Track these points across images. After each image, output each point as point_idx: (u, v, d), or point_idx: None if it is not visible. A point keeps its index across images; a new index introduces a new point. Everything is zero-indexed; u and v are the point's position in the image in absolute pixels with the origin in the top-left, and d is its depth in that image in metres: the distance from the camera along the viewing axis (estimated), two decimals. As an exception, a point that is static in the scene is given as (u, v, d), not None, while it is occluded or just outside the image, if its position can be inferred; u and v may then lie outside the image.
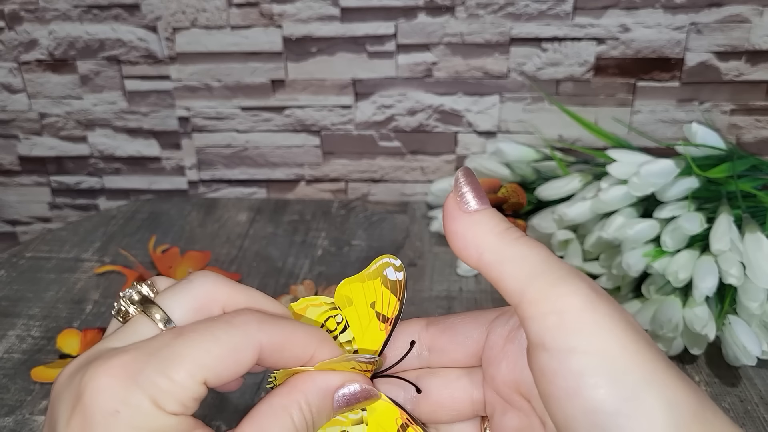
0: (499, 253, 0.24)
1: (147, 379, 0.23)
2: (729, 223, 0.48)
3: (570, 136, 0.71)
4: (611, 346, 0.22)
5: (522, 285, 0.23)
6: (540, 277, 0.23)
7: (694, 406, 0.22)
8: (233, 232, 0.69)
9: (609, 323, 0.22)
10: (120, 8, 0.68)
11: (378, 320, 0.30)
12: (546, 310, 0.22)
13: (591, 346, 0.22)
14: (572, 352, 0.22)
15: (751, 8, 0.63)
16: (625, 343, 0.22)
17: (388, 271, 0.30)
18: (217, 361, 0.24)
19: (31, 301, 0.58)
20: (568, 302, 0.22)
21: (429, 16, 0.66)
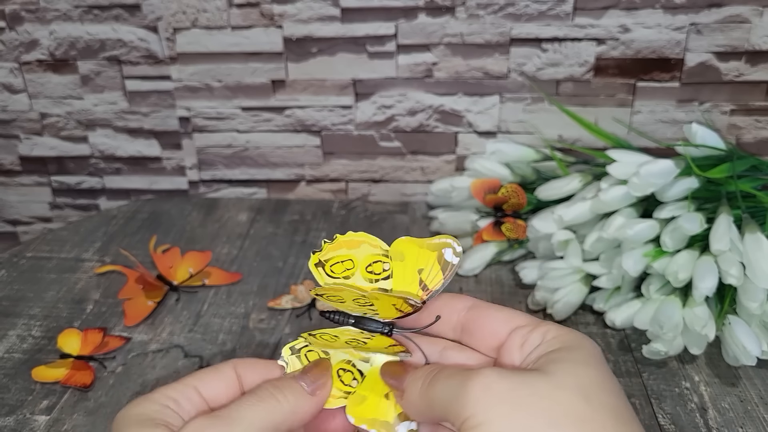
0: (426, 399, 0.29)
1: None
2: (729, 224, 0.48)
3: (570, 137, 0.71)
4: (507, 427, 0.26)
5: (446, 415, 0.28)
6: (454, 397, 0.28)
7: None
8: (234, 232, 0.69)
9: (497, 410, 0.26)
10: (121, 8, 0.68)
11: (419, 286, 0.32)
12: (461, 422, 0.27)
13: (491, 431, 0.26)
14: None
15: (751, 9, 0.64)
16: (514, 421, 0.26)
17: (447, 252, 0.33)
18: None
19: (32, 301, 0.59)
20: (466, 411, 0.27)
21: (429, 17, 0.67)
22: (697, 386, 0.48)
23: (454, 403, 0.27)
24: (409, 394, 0.30)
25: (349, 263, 0.34)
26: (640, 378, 0.49)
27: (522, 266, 0.59)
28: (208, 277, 0.61)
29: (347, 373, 0.32)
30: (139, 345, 0.53)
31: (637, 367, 0.50)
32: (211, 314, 0.56)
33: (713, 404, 0.46)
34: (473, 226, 0.63)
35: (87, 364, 0.51)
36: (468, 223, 0.63)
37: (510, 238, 0.60)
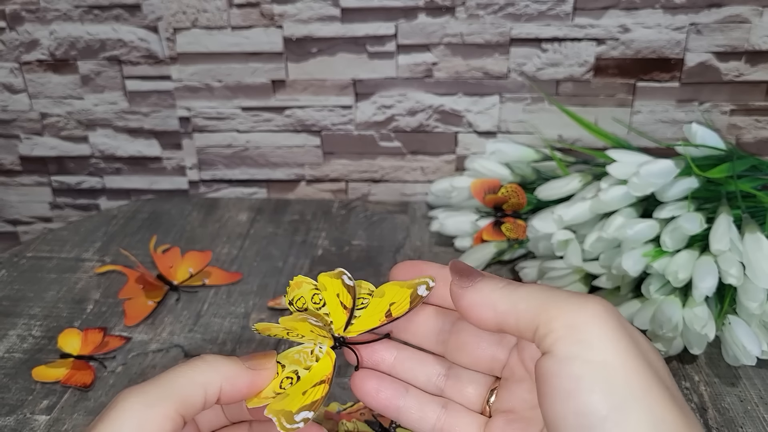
0: (510, 299, 0.27)
1: None
2: (729, 223, 0.48)
3: (570, 137, 0.71)
4: (612, 360, 0.24)
5: (536, 314, 0.26)
6: (551, 302, 0.25)
7: (681, 428, 0.23)
8: (234, 231, 0.69)
9: (614, 338, 0.24)
10: (121, 8, 0.68)
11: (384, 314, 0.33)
12: (557, 325, 0.25)
13: (593, 356, 0.24)
14: (575, 358, 0.24)
15: (750, 9, 0.64)
16: (625, 359, 0.24)
17: (420, 288, 0.32)
18: None
19: (32, 301, 0.59)
20: (577, 317, 0.25)
21: (429, 17, 0.67)
22: (697, 386, 0.48)
23: (556, 306, 0.25)
24: (484, 287, 0.27)
25: (317, 297, 0.35)
26: (640, 378, 0.49)
27: (522, 266, 0.59)
28: (209, 277, 0.61)
29: (288, 380, 0.32)
30: (140, 345, 0.53)
31: (637, 367, 0.50)
32: (212, 314, 0.56)
33: (713, 404, 0.46)
34: (473, 226, 0.63)
35: (87, 363, 0.51)
36: (468, 223, 0.63)
37: (510, 238, 0.60)
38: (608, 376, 0.23)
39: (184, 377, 0.28)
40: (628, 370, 0.23)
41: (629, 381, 0.23)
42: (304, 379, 0.31)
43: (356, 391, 0.32)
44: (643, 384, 0.23)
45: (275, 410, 0.29)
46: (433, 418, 0.31)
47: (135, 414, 0.27)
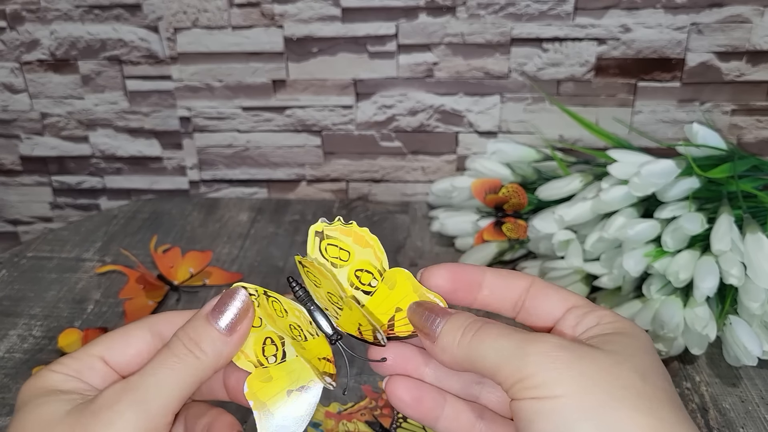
0: (469, 358, 0.28)
1: None
2: (730, 224, 0.48)
3: (571, 137, 0.71)
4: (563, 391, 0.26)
5: (493, 372, 0.27)
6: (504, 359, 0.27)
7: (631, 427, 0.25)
8: (234, 232, 0.69)
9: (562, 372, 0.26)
10: (121, 8, 0.68)
11: (388, 321, 0.31)
12: (513, 380, 0.27)
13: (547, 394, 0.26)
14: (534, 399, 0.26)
15: (751, 8, 0.63)
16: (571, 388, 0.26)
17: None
18: None
19: (33, 301, 0.59)
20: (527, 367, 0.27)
21: (430, 17, 0.67)
22: (698, 386, 0.48)
23: (509, 362, 0.27)
24: (445, 341, 0.29)
25: (345, 254, 0.32)
26: (640, 378, 0.49)
27: (523, 266, 0.59)
28: (209, 277, 0.61)
29: (272, 346, 0.30)
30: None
31: (638, 367, 0.50)
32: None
33: (714, 404, 0.46)
34: (474, 226, 0.63)
35: (88, 363, 0.51)
36: (469, 223, 0.63)
37: (511, 238, 0.60)
38: (561, 405, 0.25)
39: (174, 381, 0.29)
40: (578, 395, 0.26)
41: (581, 404, 0.25)
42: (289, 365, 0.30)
43: (393, 398, 0.32)
44: (593, 402, 0.25)
45: (257, 399, 0.29)
46: (469, 426, 0.32)
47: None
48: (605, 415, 0.25)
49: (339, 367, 0.31)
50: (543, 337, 0.27)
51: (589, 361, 0.26)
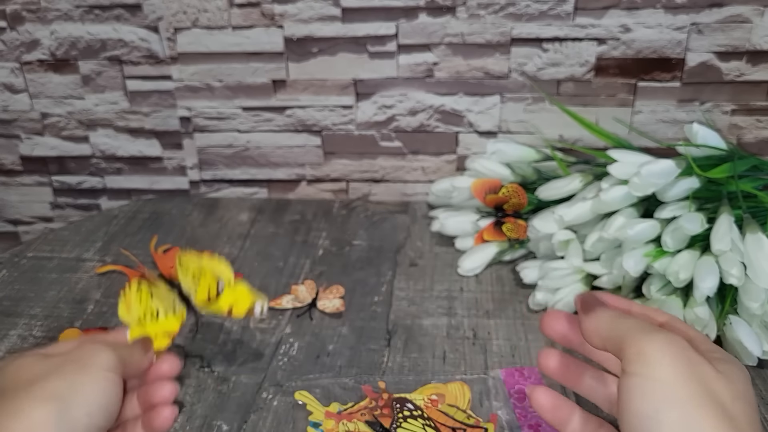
0: (608, 330, 0.35)
1: None
2: (730, 224, 0.48)
3: (571, 137, 0.71)
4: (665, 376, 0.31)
5: (619, 342, 0.34)
6: (630, 335, 0.33)
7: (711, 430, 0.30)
8: (234, 232, 0.69)
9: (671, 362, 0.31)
10: (121, 8, 0.68)
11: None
12: (631, 352, 0.33)
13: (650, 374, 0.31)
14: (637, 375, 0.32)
15: (752, 8, 0.63)
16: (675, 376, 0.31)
17: (257, 306, 0.45)
18: None
19: (33, 301, 0.59)
20: (646, 345, 0.33)
21: (430, 17, 0.67)
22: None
23: (637, 336, 0.33)
24: (598, 313, 0.36)
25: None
26: (640, 378, 0.49)
27: (523, 266, 0.59)
28: (209, 277, 0.61)
29: (152, 314, 0.45)
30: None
31: (638, 367, 0.50)
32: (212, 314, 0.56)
33: (714, 404, 0.46)
34: (474, 226, 0.63)
35: (88, 363, 0.51)
36: (469, 223, 0.63)
37: (511, 238, 0.60)
38: (658, 387, 0.30)
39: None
40: (676, 384, 0.30)
41: (675, 392, 0.30)
42: (158, 323, 0.44)
43: (536, 403, 0.39)
44: (684, 395, 0.30)
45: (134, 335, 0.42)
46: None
47: None
48: (690, 410, 0.30)
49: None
50: (672, 333, 0.33)
51: (695, 364, 0.31)
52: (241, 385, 0.48)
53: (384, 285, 0.60)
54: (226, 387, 0.48)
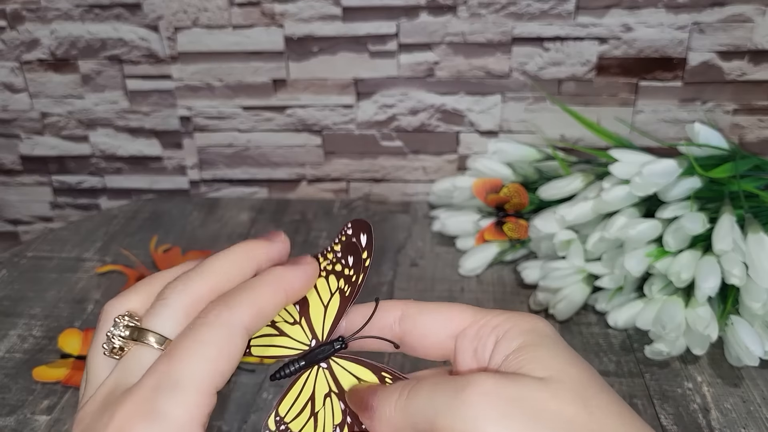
0: (406, 419, 0.26)
1: (165, 414, 0.24)
2: (731, 224, 0.48)
3: (572, 136, 0.71)
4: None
5: (434, 430, 0.25)
6: (437, 416, 0.25)
7: None
8: (235, 231, 0.69)
9: (502, 424, 0.24)
10: (121, 8, 0.68)
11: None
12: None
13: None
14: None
15: (754, 8, 0.63)
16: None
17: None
18: (216, 363, 0.25)
19: (33, 301, 0.58)
20: (465, 425, 0.24)
21: (431, 16, 0.66)
22: (700, 387, 0.48)
23: (446, 415, 0.24)
24: (382, 410, 0.27)
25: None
26: (642, 378, 0.49)
27: (524, 266, 0.59)
28: (209, 277, 0.60)
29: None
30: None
31: (640, 368, 0.50)
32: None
33: (716, 405, 0.46)
34: (475, 225, 0.63)
35: (88, 364, 0.51)
36: (470, 222, 0.63)
37: (512, 238, 0.60)
38: None
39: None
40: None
41: None
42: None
43: None
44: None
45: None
46: None
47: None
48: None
49: None
50: (477, 378, 0.25)
51: (526, 400, 0.24)
52: (241, 385, 0.48)
53: (385, 285, 0.60)
54: (226, 387, 0.48)
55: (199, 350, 0.25)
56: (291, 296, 0.29)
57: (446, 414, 0.24)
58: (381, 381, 0.29)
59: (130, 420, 0.24)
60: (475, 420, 0.24)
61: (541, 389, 0.24)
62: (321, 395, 0.29)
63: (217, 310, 0.26)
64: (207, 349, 0.25)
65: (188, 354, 0.25)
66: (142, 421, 0.24)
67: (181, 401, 0.24)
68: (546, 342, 0.27)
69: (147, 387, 0.24)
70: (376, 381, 0.29)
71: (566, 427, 0.24)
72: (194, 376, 0.24)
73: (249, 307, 0.27)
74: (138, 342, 0.26)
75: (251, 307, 0.27)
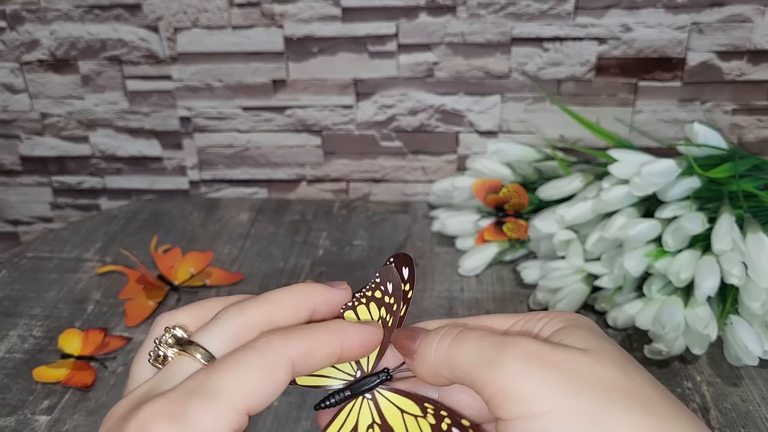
0: (449, 366, 0.27)
1: (192, 420, 0.23)
2: (731, 223, 0.48)
3: (571, 136, 0.71)
4: (551, 407, 0.24)
5: (472, 382, 0.26)
6: (479, 368, 0.25)
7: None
8: (235, 232, 0.69)
9: (543, 385, 0.24)
10: (121, 8, 0.68)
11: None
12: (492, 392, 0.25)
13: (534, 410, 0.24)
14: (520, 418, 0.24)
15: (752, 8, 0.63)
16: (562, 400, 0.24)
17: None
18: (254, 386, 0.25)
19: (33, 301, 0.59)
20: (503, 377, 0.25)
21: (430, 16, 0.66)
22: (699, 386, 0.48)
23: (486, 370, 0.25)
24: (424, 352, 0.27)
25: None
26: (641, 378, 0.49)
27: (523, 266, 0.59)
28: (209, 278, 0.61)
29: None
30: (140, 345, 0.53)
31: (639, 367, 0.50)
32: (212, 314, 0.56)
33: (715, 404, 0.46)
34: (474, 226, 0.63)
35: (88, 364, 0.51)
36: (469, 223, 0.63)
37: (511, 238, 0.60)
38: (554, 423, 0.23)
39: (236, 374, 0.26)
40: (566, 406, 0.24)
41: (575, 421, 0.23)
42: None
43: None
44: (592, 414, 0.23)
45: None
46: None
47: None
48: (601, 426, 0.23)
49: None
50: (518, 340, 0.25)
51: (569, 364, 0.24)
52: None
53: (384, 285, 0.60)
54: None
55: (240, 370, 0.25)
56: (347, 351, 0.28)
57: (486, 369, 0.25)
58: (423, 412, 0.29)
59: (152, 418, 0.23)
60: (515, 379, 0.24)
61: (583, 356, 0.25)
62: (364, 426, 0.29)
63: (268, 339, 0.26)
64: (249, 372, 0.25)
65: (229, 371, 0.25)
66: (166, 422, 0.23)
67: (210, 411, 0.24)
68: (588, 325, 0.27)
69: (179, 392, 0.24)
70: (419, 413, 0.29)
71: (608, 391, 0.24)
72: (230, 392, 0.24)
73: (301, 344, 0.26)
74: (183, 353, 0.26)
75: (303, 345, 0.27)
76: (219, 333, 0.27)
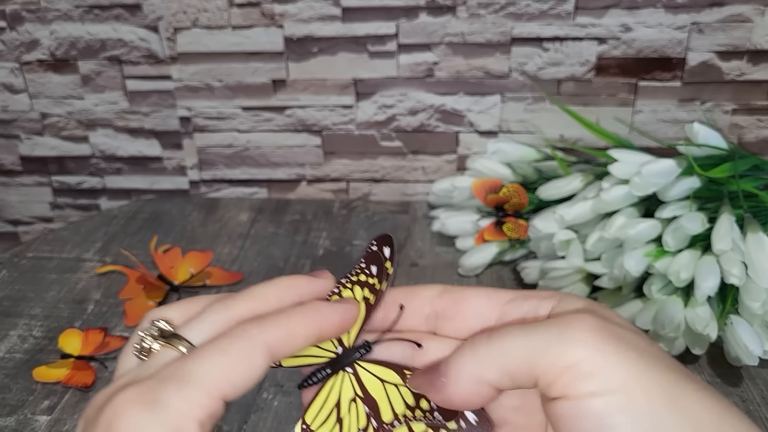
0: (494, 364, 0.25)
1: (165, 404, 0.23)
2: (731, 223, 0.48)
3: (571, 136, 0.71)
4: (626, 383, 0.23)
5: (529, 368, 0.24)
6: (536, 351, 0.24)
7: (717, 421, 0.23)
8: (234, 231, 0.69)
9: (618, 359, 0.23)
10: (121, 8, 0.68)
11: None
12: (557, 372, 0.23)
13: (606, 386, 0.23)
14: (591, 396, 0.23)
15: (752, 8, 0.63)
16: (637, 375, 0.23)
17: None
18: (230, 372, 0.25)
19: (33, 301, 0.58)
20: (570, 354, 0.23)
21: (430, 16, 0.66)
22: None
23: (550, 349, 0.23)
24: (458, 366, 0.25)
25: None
26: (641, 378, 0.49)
27: (523, 266, 0.59)
28: (209, 278, 0.61)
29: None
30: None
31: (639, 367, 0.50)
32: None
33: (715, 404, 0.46)
34: (474, 225, 0.63)
35: (88, 364, 0.51)
36: (469, 222, 0.63)
37: (511, 237, 0.60)
38: (630, 403, 0.23)
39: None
40: (645, 386, 0.23)
41: (651, 399, 0.23)
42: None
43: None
44: (665, 395, 0.23)
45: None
46: None
47: None
48: (677, 402, 0.22)
49: None
50: (580, 318, 0.24)
51: (634, 340, 0.24)
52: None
53: (384, 285, 0.60)
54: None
55: (216, 356, 0.25)
56: (325, 331, 0.28)
57: (550, 352, 0.24)
58: (402, 378, 0.30)
59: (126, 403, 0.24)
60: (587, 353, 0.23)
61: (632, 336, 0.24)
62: (347, 401, 0.30)
63: (244, 326, 0.26)
64: (224, 358, 0.25)
65: (204, 357, 0.25)
66: (139, 407, 0.23)
67: (184, 395, 0.24)
68: (608, 311, 0.26)
69: (155, 378, 0.25)
70: (400, 381, 0.30)
71: (675, 369, 0.24)
72: (204, 377, 0.24)
73: (277, 329, 0.27)
74: (167, 346, 0.27)
75: (279, 330, 0.27)
76: (204, 326, 0.27)
